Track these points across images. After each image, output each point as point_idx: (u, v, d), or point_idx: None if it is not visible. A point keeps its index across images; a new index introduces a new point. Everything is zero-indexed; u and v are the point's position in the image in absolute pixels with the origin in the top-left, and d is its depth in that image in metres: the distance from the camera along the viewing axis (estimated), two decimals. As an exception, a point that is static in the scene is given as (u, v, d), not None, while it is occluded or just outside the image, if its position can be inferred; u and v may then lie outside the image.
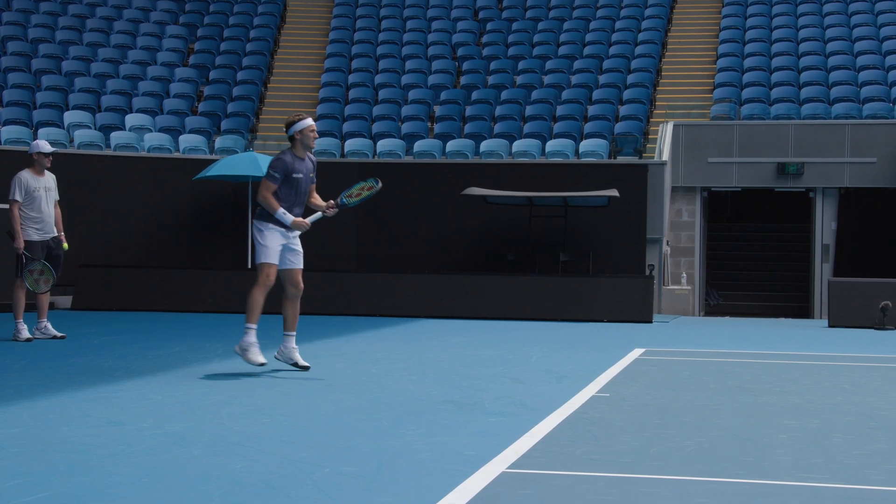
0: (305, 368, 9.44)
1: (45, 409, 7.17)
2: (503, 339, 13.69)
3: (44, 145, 12.39)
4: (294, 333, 9.59)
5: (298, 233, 9.37)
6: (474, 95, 25.01)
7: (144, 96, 24.53)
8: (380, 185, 9.62)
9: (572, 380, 9.22)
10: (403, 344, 12.76)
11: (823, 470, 5.49)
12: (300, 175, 9.25)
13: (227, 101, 25.20)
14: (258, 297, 9.38)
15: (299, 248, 9.45)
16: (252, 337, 9.38)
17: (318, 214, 9.42)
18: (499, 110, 24.40)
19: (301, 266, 9.51)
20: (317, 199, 9.49)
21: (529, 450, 5.91)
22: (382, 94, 25.42)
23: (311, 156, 9.43)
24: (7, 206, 12.30)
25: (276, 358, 9.59)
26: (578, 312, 17.57)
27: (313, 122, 9.36)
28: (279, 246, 9.30)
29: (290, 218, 9.18)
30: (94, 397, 7.80)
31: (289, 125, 9.32)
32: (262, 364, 9.28)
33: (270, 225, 9.23)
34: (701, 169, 22.58)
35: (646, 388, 8.71)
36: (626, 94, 24.71)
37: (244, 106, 24.94)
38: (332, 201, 9.42)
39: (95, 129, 22.83)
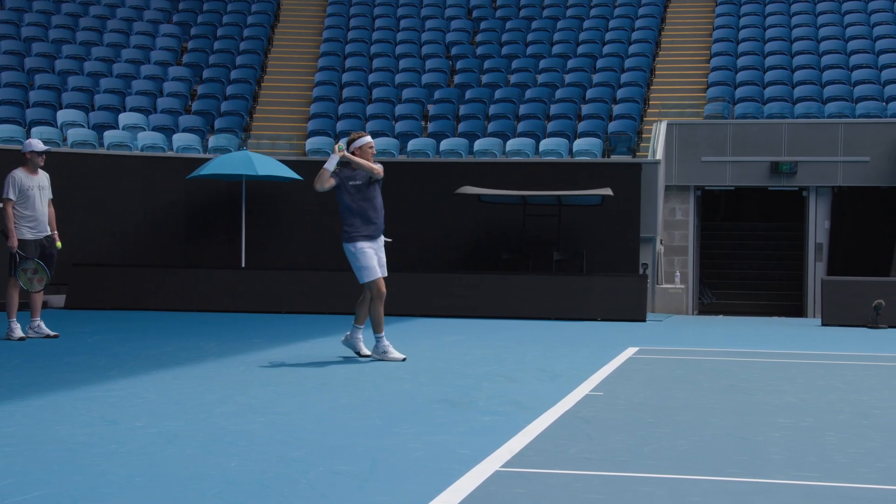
0: (367, 356, 10.48)
1: (38, 408, 7.16)
2: (497, 337, 13.69)
3: (37, 144, 12.37)
4: (362, 327, 10.54)
5: (383, 242, 10.39)
6: (468, 94, 25.01)
7: (138, 95, 24.50)
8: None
9: (566, 378, 9.23)
10: (397, 343, 12.73)
11: (817, 468, 5.50)
12: (359, 181, 10.39)
13: (221, 99, 25.18)
14: (380, 309, 10.29)
15: (384, 257, 10.40)
16: (385, 342, 10.38)
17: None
18: (492, 109, 24.41)
19: (385, 274, 10.40)
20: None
21: (523, 448, 5.91)
22: (376, 92, 25.42)
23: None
24: (0, 204, 12.29)
25: (342, 342, 10.72)
26: (572, 311, 17.58)
27: (371, 139, 10.63)
28: (374, 259, 10.24)
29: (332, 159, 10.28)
30: (87, 396, 7.79)
31: (349, 142, 10.43)
32: (404, 359, 10.31)
33: (359, 243, 10.23)
34: (694, 168, 22.61)
35: (639, 387, 8.72)
36: (620, 93, 24.73)
37: (238, 105, 24.92)
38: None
39: (89, 127, 22.80)
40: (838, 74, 24.69)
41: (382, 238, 10.42)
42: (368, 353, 10.50)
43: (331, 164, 10.20)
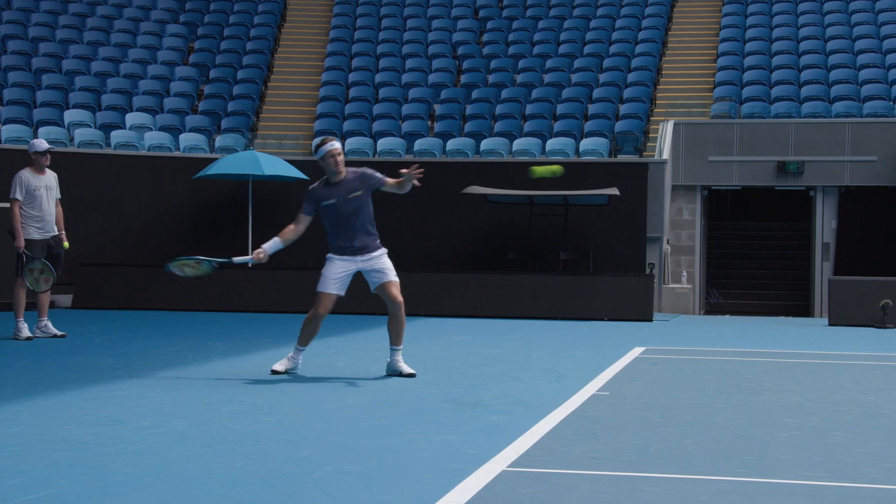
0: (411, 375, 9.16)
1: (45, 408, 7.17)
2: (504, 337, 13.69)
3: (39, 144, 12.39)
4: (399, 348, 9.29)
5: (373, 253, 9.19)
6: (475, 94, 25.01)
7: (145, 95, 24.53)
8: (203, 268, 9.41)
9: (573, 378, 9.22)
10: (404, 342, 12.74)
11: (824, 468, 5.49)
12: (332, 201, 9.18)
13: (228, 99, 25.20)
14: (316, 324, 9.35)
15: (383, 266, 9.20)
16: (299, 358, 9.37)
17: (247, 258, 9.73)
18: (499, 109, 24.40)
19: (389, 279, 9.22)
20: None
21: (530, 448, 5.91)
22: (383, 92, 25.42)
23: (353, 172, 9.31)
24: (8, 204, 12.31)
25: (388, 374, 9.32)
26: (579, 311, 17.57)
27: (334, 146, 9.13)
28: (337, 273, 9.20)
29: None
30: (94, 396, 7.80)
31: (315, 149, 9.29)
32: (283, 372, 9.19)
33: (330, 254, 9.36)
34: (701, 167, 22.58)
35: (646, 387, 8.71)
36: (627, 93, 24.71)
37: (244, 105, 24.93)
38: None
39: (96, 127, 22.83)
40: (845, 74, 24.64)
41: (373, 254, 9.20)
42: (412, 370, 9.24)
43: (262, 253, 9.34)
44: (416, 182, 9.18)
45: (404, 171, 9.13)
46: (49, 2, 27.21)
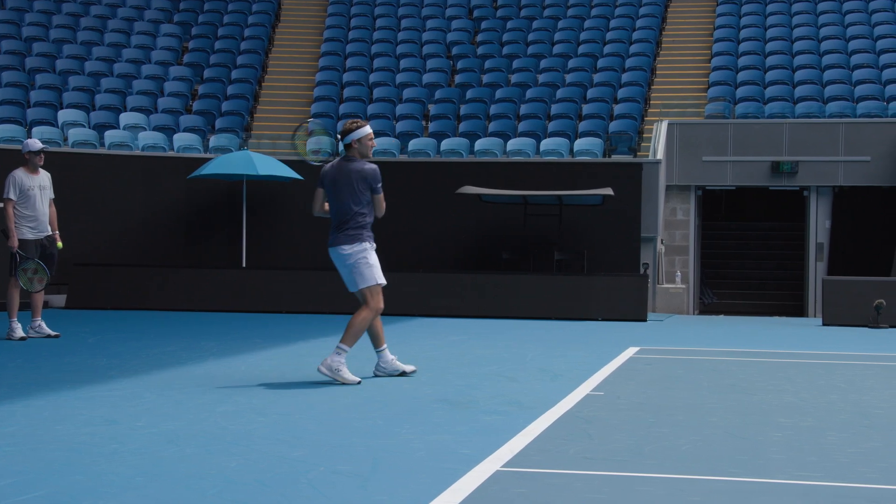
0: (412, 371, 9.11)
1: (39, 408, 7.16)
2: (498, 337, 13.69)
3: (33, 143, 12.38)
4: (384, 347, 9.08)
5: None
6: (469, 94, 25.01)
7: (139, 95, 24.51)
8: (309, 126, 9.20)
9: (567, 378, 9.23)
10: (398, 343, 12.75)
11: (817, 468, 5.50)
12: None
13: (222, 99, 25.18)
14: (367, 325, 8.72)
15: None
16: (344, 358, 8.63)
17: None
18: (493, 109, 24.41)
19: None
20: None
21: (524, 448, 5.91)
22: (377, 92, 25.43)
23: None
24: (1, 204, 12.29)
25: (376, 375, 9.06)
26: (573, 311, 17.58)
27: (371, 130, 8.96)
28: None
29: None
30: (88, 396, 7.79)
31: (345, 132, 8.86)
32: (358, 382, 8.56)
33: (367, 244, 8.82)
34: (695, 167, 22.60)
35: (640, 387, 8.72)
36: (621, 93, 24.73)
37: (239, 104, 24.92)
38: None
39: (89, 127, 22.80)
40: (839, 74, 24.68)
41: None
42: (413, 367, 9.20)
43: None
44: None
45: None
46: (43, 1, 27.18)
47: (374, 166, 8.83)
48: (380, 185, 8.85)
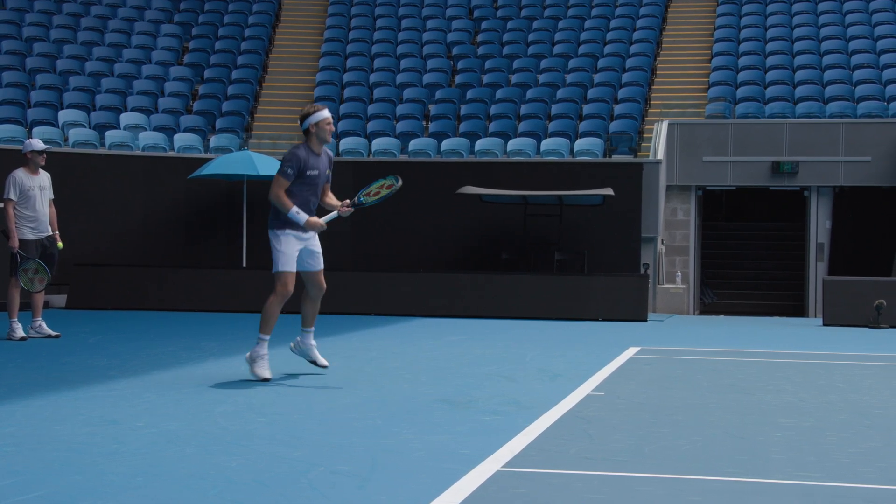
0: (324, 367, 9.10)
1: (39, 408, 7.16)
2: (498, 337, 13.69)
3: (37, 143, 12.38)
4: (312, 329, 9.15)
5: (315, 233, 8.79)
6: (469, 94, 25.01)
7: (139, 95, 24.51)
8: (400, 182, 9.01)
9: (567, 378, 9.23)
10: (398, 343, 12.76)
11: (817, 468, 5.50)
12: (315, 171, 8.67)
13: (222, 99, 25.18)
14: (275, 308, 8.74)
15: (318, 248, 8.88)
16: (264, 349, 8.72)
17: (334, 214, 8.84)
18: (494, 109, 24.40)
19: (322, 267, 8.97)
20: (331, 199, 8.96)
21: (524, 448, 5.91)
22: (377, 92, 25.43)
23: (328, 151, 8.91)
24: (2, 205, 12.30)
25: (291, 349, 9.23)
26: (573, 311, 17.57)
27: (329, 114, 8.81)
28: (296, 251, 8.71)
29: (303, 217, 8.56)
30: (88, 396, 7.79)
31: (303, 117, 8.72)
32: (266, 379, 8.61)
33: (287, 230, 8.65)
34: (696, 168, 22.60)
35: (640, 387, 8.72)
36: (621, 93, 24.73)
37: (239, 105, 24.92)
38: (347, 200, 8.88)
39: (90, 127, 22.80)
40: (839, 74, 24.68)
41: (315, 234, 8.80)
42: (325, 362, 9.14)
43: (326, 219, 8.74)
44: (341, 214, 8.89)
45: (342, 204, 8.86)
46: (43, 1, 27.17)
47: (294, 150, 8.66)
48: (284, 165, 8.65)
